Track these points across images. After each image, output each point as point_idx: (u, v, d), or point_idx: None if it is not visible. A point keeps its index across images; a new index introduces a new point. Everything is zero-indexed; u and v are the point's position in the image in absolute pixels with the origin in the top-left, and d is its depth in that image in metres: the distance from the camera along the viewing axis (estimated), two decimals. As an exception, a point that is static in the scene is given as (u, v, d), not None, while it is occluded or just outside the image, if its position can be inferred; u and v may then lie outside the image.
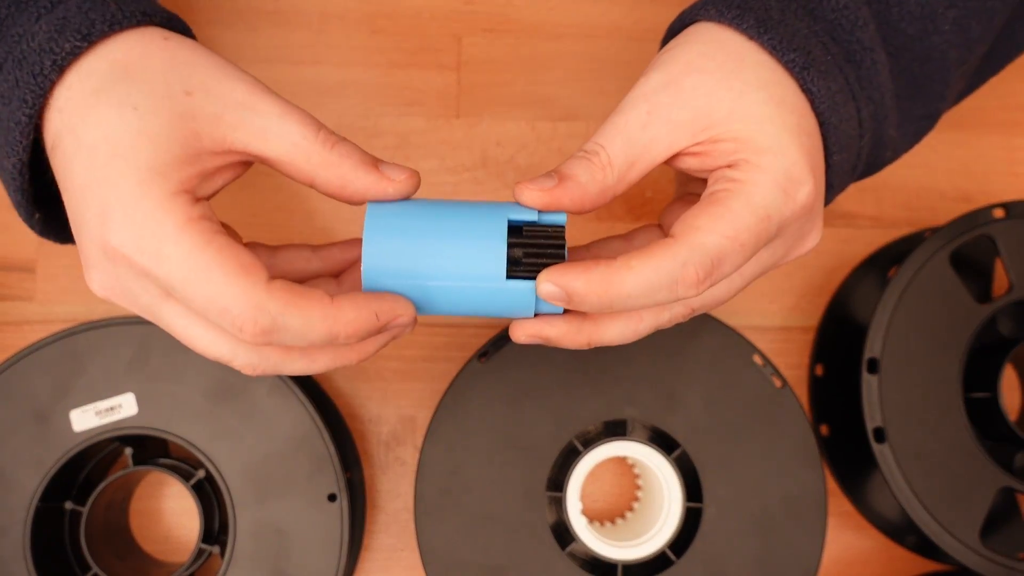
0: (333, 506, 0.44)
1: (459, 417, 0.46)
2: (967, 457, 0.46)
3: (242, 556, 0.44)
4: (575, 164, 0.32)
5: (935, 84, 0.36)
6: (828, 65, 0.32)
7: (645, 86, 0.32)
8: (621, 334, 0.34)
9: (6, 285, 0.53)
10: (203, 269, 0.29)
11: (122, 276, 0.31)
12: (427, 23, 0.55)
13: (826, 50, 0.33)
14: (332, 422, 0.50)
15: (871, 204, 0.56)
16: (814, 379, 0.54)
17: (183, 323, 0.31)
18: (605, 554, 0.45)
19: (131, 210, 0.29)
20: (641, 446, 0.45)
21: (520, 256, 0.32)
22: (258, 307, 0.29)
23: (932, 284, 0.47)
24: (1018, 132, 0.56)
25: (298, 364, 0.33)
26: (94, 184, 0.29)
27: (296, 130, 0.31)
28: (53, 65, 0.30)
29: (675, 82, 0.32)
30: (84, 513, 0.45)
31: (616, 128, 0.32)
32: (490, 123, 0.55)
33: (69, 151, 0.30)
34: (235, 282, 0.29)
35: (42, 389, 0.44)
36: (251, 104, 0.31)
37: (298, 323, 0.29)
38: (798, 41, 0.32)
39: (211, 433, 0.44)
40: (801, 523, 0.45)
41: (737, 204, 0.30)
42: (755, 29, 0.32)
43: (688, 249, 0.30)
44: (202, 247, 0.29)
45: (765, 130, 0.31)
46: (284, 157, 0.31)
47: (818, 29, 0.33)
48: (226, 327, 0.30)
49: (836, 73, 0.33)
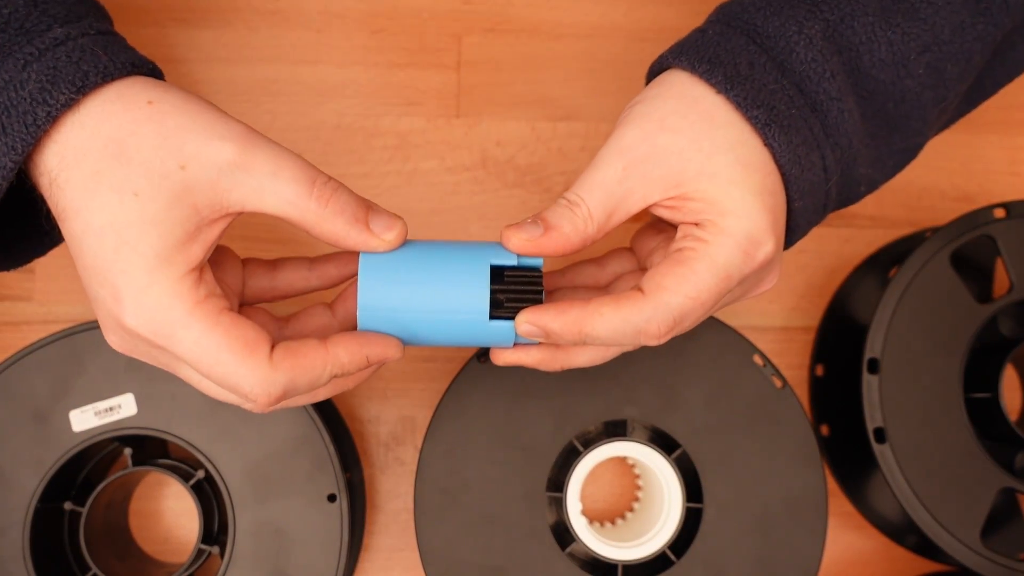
0: (333, 506, 0.44)
1: (459, 417, 0.46)
2: (968, 457, 0.46)
3: (242, 556, 0.44)
4: (559, 215, 0.34)
5: (912, 121, 0.37)
6: (792, 119, 0.34)
7: (621, 141, 0.34)
8: (591, 359, 0.38)
9: (5, 285, 0.53)
10: (213, 351, 0.32)
11: (139, 346, 0.33)
12: (427, 23, 0.55)
13: (791, 103, 0.34)
14: (332, 422, 0.50)
15: (872, 204, 0.55)
16: (814, 379, 0.54)
17: (197, 379, 0.34)
18: (605, 554, 0.45)
19: (142, 298, 0.31)
20: (641, 446, 0.45)
21: (502, 300, 0.35)
22: (267, 381, 0.32)
23: (933, 284, 0.47)
24: (1018, 132, 0.56)
25: (302, 400, 0.37)
26: (104, 269, 0.31)
27: (290, 189, 0.32)
28: (47, 116, 0.31)
29: (650, 139, 0.34)
30: (83, 513, 0.45)
31: (594, 182, 0.34)
32: (490, 123, 0.55)
33: (77, 231, 0.32)
34: (243, 362, 0.32)
35: (41, 389, 0.44)
36: (243, 164, 0.32)
37: (305, 381, 0.33)
38: (764, 96, 0.34)
39: (211, 433, 0.44)
40: (801, 523, 0.45)
41: (701, 266, 0.33)
42: (723, 84, 0.34)
43: (654, 307, 0.33)
44: (210, 329, 0.32)
45: (731, 193, 0.33)
46: (280, 214, 0.33)
47: (785, 83, 0.34)
48: (239, 402, 0.33)
49: (801, 125, 0.34)
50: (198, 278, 0.32)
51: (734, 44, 0.35)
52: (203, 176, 0.31)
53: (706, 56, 0.34)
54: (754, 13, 0.35)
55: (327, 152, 0.54)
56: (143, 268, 0.31)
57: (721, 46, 0.35)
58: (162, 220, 0.31)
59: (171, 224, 0.31)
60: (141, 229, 0.31)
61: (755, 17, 0.35)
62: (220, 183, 0.32)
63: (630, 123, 0.35)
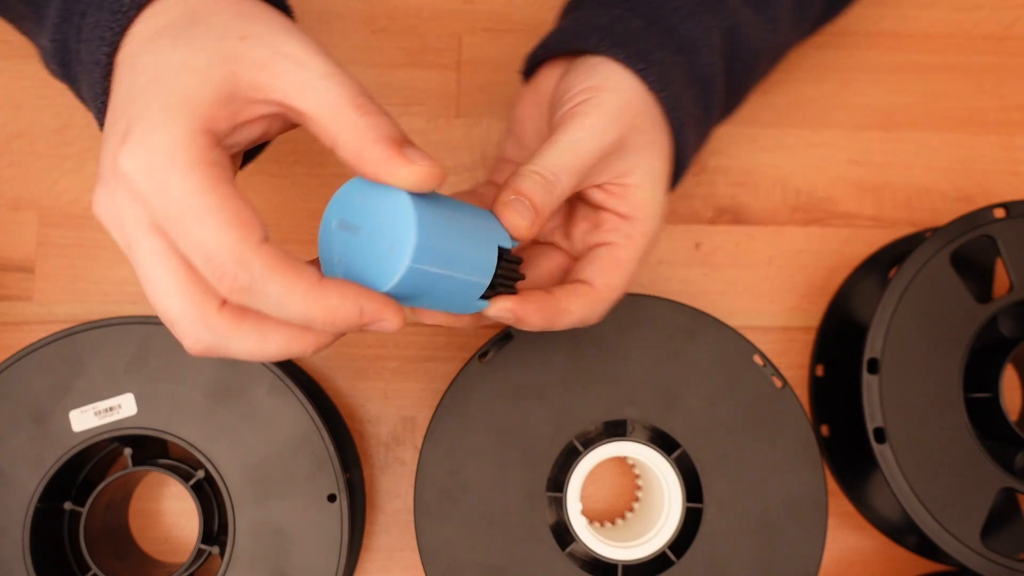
0: (333, 506, 0.44)
1: (459, 417, 0.46)
2: (968, 457, 0.46)
3: (242, 556, 0.44)
4: (543, 198, 0.37)
5: (750, 88, 0.46)
6: (693, 118, 0.41)
7: (606, 136, 0.38)
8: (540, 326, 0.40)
9: (5, 285, 0.53)
10: (201, 211, 0.29)
11: (118, 197, 0.31)
12: (427, 23, 0.55)
13: (695, 102, 0.41)
14: (332, 422, 0.50)
15: (871, 204, 0.56)
16: (815, 379, 0.54)
17: (153, 263, 0.31)
18: (605, 554, 0.45)
19: (150, 135, 0.29)
20: (641, 446, 0.45)
21: (494, 282, 0.36)
22: (243, 262, 0.29)
23: (933, 284, 0.47)
24: (1018, 132, 0.56)
25: (247, 341, 0.32)
26: (128, 103, 0.31)
27: (335, 90, 0.31)
28: (132, 3, 0.32)
29: (626, 138, 0.39)
30: (83, 513, 0.45)
31: (573, 166, 0.38)
32: (490, 123, 0.55)
33: (121, 74, 0.32)
34: (229, 232, 0.29)
35: (41, 389, 0.44)
36: (301, 59, 0.32)
37: (277, 291, 0.30)
38: (680, 100, 0.40)
39: (211, 433, 0.44)
40: (801, 523, 0.45)
41: (630, 255, 0.40)
42: (656, 86, 0.39)
43: (604, 296, 0.39)
44: (206, 190, 0.29)
45: (656, 196, 0.40)
46: (316, 113, 0.32)
47: (692, 82, 0.41)
48: (207, 274, 0.30)
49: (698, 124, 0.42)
50: (213, 144, 0.31)
51: (657, 43, 0.40)
52: (257, 53, 0.31)
53: (641, 54, 0.39)
54: (671, 13, 0.41)
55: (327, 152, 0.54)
56: (163, 107, 0.30)
57: (649, 43, 0.40)
58: (201, 71, 0.30)
59: (208, 78, 0.30)
60: (178, 72, 0.30)
61: (672, 17, 0.41)
62: (271, 66, 0.31)
63: (610, 117, 0.38)
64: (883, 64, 0.57)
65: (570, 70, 0.40)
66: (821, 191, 0.55)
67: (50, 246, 0.53)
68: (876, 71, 0.57)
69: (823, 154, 0.56)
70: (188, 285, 0.30)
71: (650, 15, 0.41)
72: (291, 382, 0.44)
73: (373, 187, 0.33)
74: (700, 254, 0.55)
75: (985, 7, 0.57)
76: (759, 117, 0.56)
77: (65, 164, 0.53)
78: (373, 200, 0.33)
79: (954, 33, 0.57)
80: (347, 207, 0.33)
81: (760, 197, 0.55)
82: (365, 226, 0.33)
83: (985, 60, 0.57)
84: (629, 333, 0.46)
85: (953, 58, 0.57)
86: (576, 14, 0.43)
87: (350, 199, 0.33)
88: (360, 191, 0.33)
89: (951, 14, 0.57)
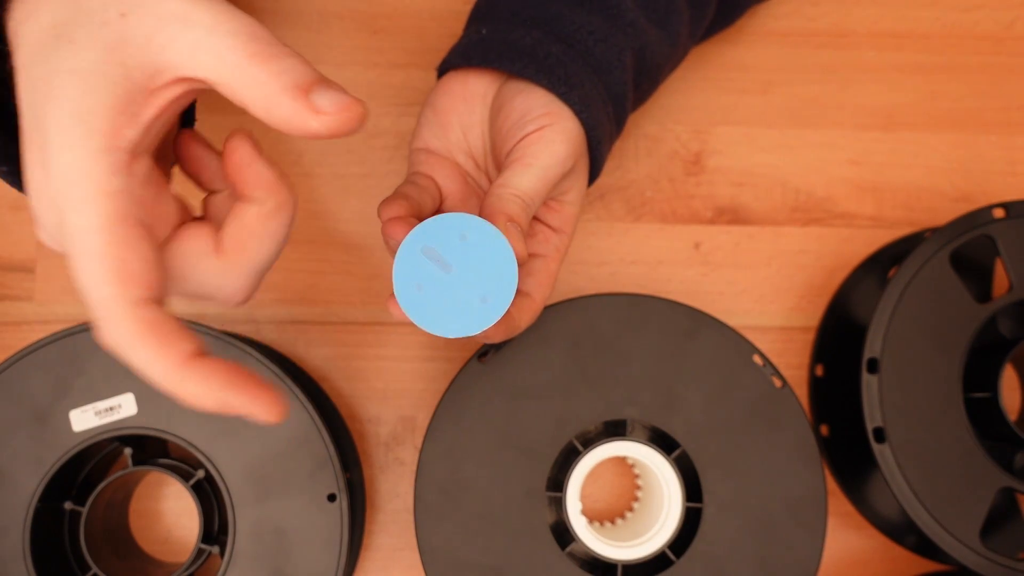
0: (333, 506, 0.44)
1: (459, 417, 0.46)
2: (967, 457, 0.46)
3: (242, 556, 0.44)
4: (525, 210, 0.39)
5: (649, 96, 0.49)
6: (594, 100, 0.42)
7: (563, 168, 0.41)
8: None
9: (6, 285, 0.53)
10: (86, 255, 0.27)
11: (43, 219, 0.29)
12: (427, 23, 0.55)
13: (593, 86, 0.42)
14: (332, 422, 0.50)
15: (871, 204, 0.56)
16: (814, 379, 0.54)
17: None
18: (605, 554, 0.45)
19: (54, 162, 0.27)
20: (641, 446, 0.45)
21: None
22: (110, 321, 0.27)
23: (932, 284, 0.47)
24: (1018, 132, 0.56)
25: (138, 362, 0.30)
26: (33, 128, 0.28)
27: (225, 42, 0.28)
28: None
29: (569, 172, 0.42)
30: (84, 513, 0.45)
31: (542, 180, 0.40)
32: (490, 123, 0.55)
33: (22, 91, 0.28)
34: (103, 287, 0.27)
35: (41, 389, 0.44)
36: (184, 14, 0.27)
37: (138, 360, 0.28)
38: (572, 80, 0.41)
39: (211, 433, 0.44)
40: (801, 523, 0.45)
41: (556, 268, 0.43)
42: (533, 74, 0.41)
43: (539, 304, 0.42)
44: (96, 230, 0.27)
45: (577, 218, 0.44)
46: (211, 74, 0.28)
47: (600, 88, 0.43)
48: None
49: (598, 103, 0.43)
50: (120, 165, 0.27)
51: (576, 67, 0.42)
52: (141, 28, 0.27)
53: (562, 79, 0.41)
54: (586, 37, 0.42)
55: (327, 152, 0.54)
56: (60, 129, 0.27)
57: (570, 68, 0.41)
58: (88, 75, 0.27)
59: (97, 83, 0.27)
60: (67, 82, 0.27)
61: (587, 41, 0.42)
62: (156, 38, 0.27)
63: (570, 145, 0.41)
64: (883, 64, 0.57)
65: (512, 89, 0.42)
66: (821, 191, 0.55)
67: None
68: (876, 71, 0.57)
69: (823, 154, 0.56)
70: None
71: (568, 39, 0.42)
72: (291, 382, 0.44)
73: (478, 229, 0.33)
74: (700, 254, 0.55)
75: (985, 7, 0.57)
76: (759, 117, 0.56)
77: (65, 164, 0.53)
78: (476, 244, 0.33)
79: (954, 33, 0.57)
80: (443, 240, 0.33)
81: (760, 197, 0.55)
82: (459, 267, 0.33)
83: (985, 60, 0.57)
84: (629, 333, 0.46)
85: (953, 58, 0.57)
86: (494, 27, 0.43)
87: (448, 233, 0.33)
88: (462, 228, 0.33)
89: (951, 14, 0.57)
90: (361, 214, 0.53)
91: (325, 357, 0.53)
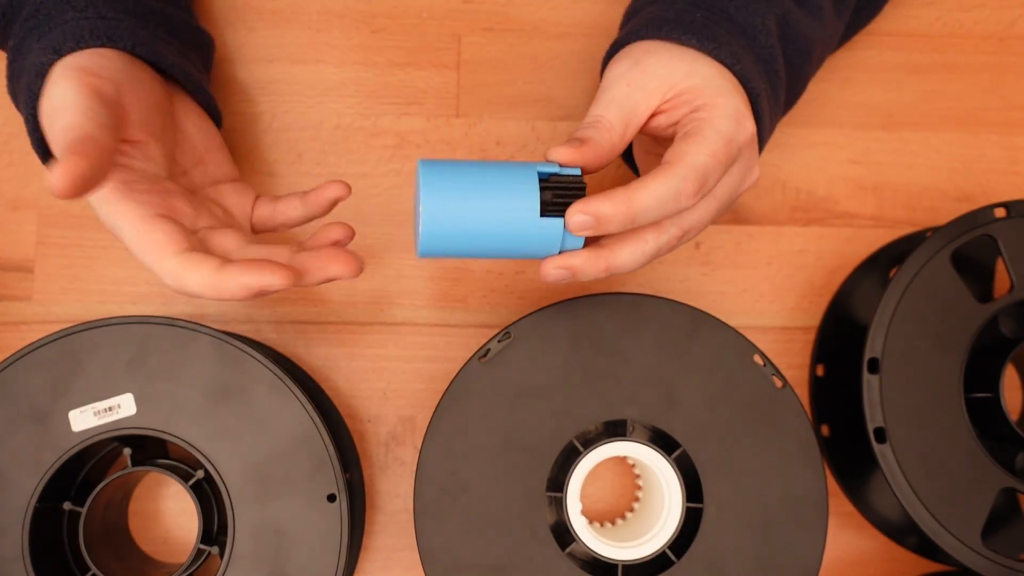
0: (333, 506, 0.44)
1: (459, 417, 0.45)
2: (968, 457, 0.46)
3: (241, 556, 0.44)
4: (588, 130, 0.40)
5: (801, 87, 0.50)
6: (746, 63, 0.43)
7: (618, 69, 0.42)
8: (632, 255, 0.41)
9: (4, 285, 0.53)
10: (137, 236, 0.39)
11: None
12: (427, 22, 0.55)
13: (741, 48, 0.44)
14: (332, 422, 0.50)
15: (872, 204, 0.55)
16: (815, 379, 0.54)
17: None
18: (605, 554, 0.45)
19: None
20: (641, 446, 0.45)
21: (550, 198, 0.39)
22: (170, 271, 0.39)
23: (933, 284, 0.47)
24: (1018, 132, 0.56)
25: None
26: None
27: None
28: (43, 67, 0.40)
29: (640, 62, 0.42)
30: (83, 514, 0.44)
31: (607, 101, 0.41)
32: (490, 123, 0.55)
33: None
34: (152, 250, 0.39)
35: (40, 389, 0.44)
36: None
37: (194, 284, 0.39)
38: (720, 39, 0.43)
39: (210, 433, 0.44)
40: (801, 523, 0.45)
41: (710, 133, 0.40)
42: (680, 35, 0.42)
43: (684, 168, 0.39)
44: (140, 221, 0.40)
45: (715, 83, 0.41)
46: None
47: (748, 51, 0.44)
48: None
49: (756, 73, 0.44)
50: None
51: (721, 28, 0.43)
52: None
53: (710, 37, 0.42)
54: (727, 4, 0.44)
55: (327, 152, 0.54)
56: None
57: (714, 29, 0.43)
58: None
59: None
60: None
61: (728, 7, 0.44)
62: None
63: (619, 59, 0.43)
64: (883, 64, 0.57)
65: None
66: (821, 191, 0.55)
67: (49, 246, 0.53)
68: (876, 71, 0.57)
69: (823, 154, 0.56)
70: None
71: (710, 6, 0.44)
72: (291, 382, 0.44)
73: (419, 168, 0.39)
74: (700, 254, 0.55)
75: (985, 7, 0.57)
76: (759, 117, 0.55)
77: (64, 164, 0.53)
78: (418, 180, 0.39)
79: (954, 32, 0.57)
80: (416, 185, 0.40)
81: (760, 197, 0.55)
82: (416, 202, 0.39)
83: (985, 60, 0.57)
84: (629, 333, 0.46)
85: (953, 58, 0.57)
86: (646, 11, 0.46)
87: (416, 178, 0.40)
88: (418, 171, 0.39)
89: (951, 13, 0.57)
90: (361, 214, 0.53)
91: (325, 357, 0.53)
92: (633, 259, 0.41)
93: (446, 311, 0.54)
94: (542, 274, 0.40)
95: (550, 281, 0.41)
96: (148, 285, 0.53)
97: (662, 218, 0.40)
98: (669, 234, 0.41)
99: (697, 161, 0.39)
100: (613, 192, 0.38)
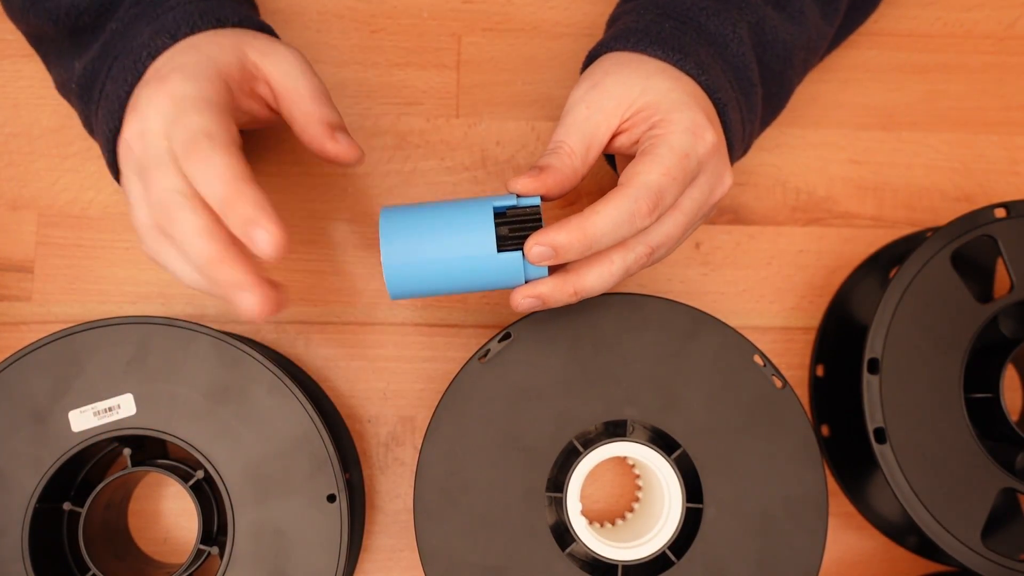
0: (332, 507, 0.44)
1: (459, 417, 0.45)
2: (968, 457, 0.46)
3: (241, 557, 0.44)
4: (548, 157, 0.41)
5: (785, 93, 0.49)
6: (714, 71, 0.43)
7: (578, 92, 0.43)
8: (600, 278, 0.41)
9: (4, 285, 0.53)
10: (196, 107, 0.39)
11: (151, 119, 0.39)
12: (427, 23, 0.55)
13: (710, 57, 0.44)
14: (331, 422, 0.50)
15: (872, 204, 0.55)
16: (815, 379, 0.54)
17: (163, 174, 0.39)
18: (605, 555, 0.45)
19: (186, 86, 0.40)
20: (641, 446, 0.45)
21: (507, 232, 0.40)
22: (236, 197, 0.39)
23: (933, 284, 0.47)
24: (1019, 131, 0.56)
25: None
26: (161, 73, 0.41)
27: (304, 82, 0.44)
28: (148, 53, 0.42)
29: (599, 84, 0.42)
30: (83, 514, 0.44)
31: (567, 125, 0.42)
32: (490, 123, 0.55)
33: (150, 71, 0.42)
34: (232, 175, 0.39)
35: (40, 390, 0.44)
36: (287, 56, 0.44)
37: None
38: (687, 49, 0.43)
39: (210, 433, 0.44)
40: (802, 524, 0.45)
41: (663, 149, 0.40)
42: (646, 46, 0.43)
43: (636, 188, 0.39)
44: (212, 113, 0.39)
45: (671, 97, 0.41)
46: (285, 95, 0.43)
47: (719, 60, 0.44)
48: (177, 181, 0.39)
49: (724, 80, 0.44)
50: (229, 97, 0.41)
51: (689, 39, 0.44)
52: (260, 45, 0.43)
53: (677, 48, 0.43)
54: (697, 14, 0.45)
55: (327, 152, 0.54)
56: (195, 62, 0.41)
57: (683, 40, 0.43)
58: (222, 45, 0.42)
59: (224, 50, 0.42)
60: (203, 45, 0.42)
61: (699, 17, 0.45)
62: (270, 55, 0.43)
63: (581, 81, 0.44)
64: (883, 64, 0.57)
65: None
66: (821, 191, 0.55)
67: (49, 246, 0.53)
68: (876, 71, 0.57)
69: (823, 154, 0.56)
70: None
71: (680, 17, 0.45)
72: (291, 382, 0.44)
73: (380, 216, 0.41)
74: (700, 254, 0.55)
75: (985, 7, 0.57)
76: (759, 117, 0.55)
77: (64, 164, 0.53)
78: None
79: (954, 32, 0.57)
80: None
81: (760, 197, 0.55)
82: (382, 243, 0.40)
83: (985, 60, 0.57)
84: (629, 333, 0.46)
85: (953, 58, 0.57)
86: (621, 20, 0.47)
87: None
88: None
89: (951, 13, 0.57)
90: (361, 214, 0.53)
91: (325, 357, 0.53)
92: (601, 281, 0.41)
93: (446, 311, 0.54)
94: (513, 305, 0.41)
95: (521, 311, 0.41)
96: (148, 285, 0.53)
97: (621, 240, 0.40)
98: (636, 252, 0.41)
99: (650, 180, 0.39)
100: (567, 221, 0.39)
